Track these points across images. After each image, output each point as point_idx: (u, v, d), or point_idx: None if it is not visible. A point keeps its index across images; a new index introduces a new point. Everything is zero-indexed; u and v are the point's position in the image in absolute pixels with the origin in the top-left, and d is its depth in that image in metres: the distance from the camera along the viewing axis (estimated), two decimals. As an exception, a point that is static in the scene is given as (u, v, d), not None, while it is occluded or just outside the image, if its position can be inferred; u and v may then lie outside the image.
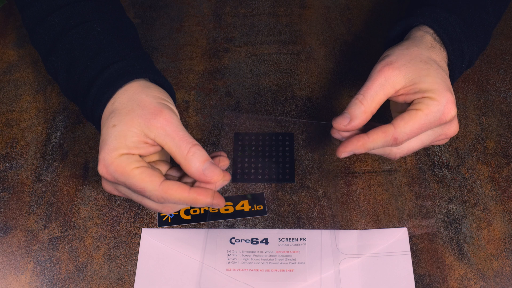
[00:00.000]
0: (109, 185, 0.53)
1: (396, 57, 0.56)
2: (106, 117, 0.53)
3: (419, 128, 0.53)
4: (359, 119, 0.53)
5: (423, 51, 0.56)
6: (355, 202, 0.62)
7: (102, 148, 0.51)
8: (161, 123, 0.50)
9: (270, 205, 0.62)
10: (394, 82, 0.54)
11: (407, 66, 0.55)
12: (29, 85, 0.71)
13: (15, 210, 0.62)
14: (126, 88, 0.54)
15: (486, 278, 0.57)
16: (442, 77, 0.54)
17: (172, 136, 0.50)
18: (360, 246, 0.58)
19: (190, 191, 0.50)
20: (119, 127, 0.51)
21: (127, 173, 0.49)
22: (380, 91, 0.54)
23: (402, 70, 0.54)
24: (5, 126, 0.68)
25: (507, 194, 0.62)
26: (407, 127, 0.52)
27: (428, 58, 0.56)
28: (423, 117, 0.52)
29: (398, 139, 0.53)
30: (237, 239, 0.59)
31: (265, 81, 0.72)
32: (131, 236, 0.60)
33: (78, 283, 0.57)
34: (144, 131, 0.50)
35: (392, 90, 0.54)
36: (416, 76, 0.54)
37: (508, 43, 0.74)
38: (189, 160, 0.50)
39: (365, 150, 0.54)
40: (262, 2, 0.80)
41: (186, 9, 0.79)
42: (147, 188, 0.49)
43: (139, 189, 0.50)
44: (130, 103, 0.52)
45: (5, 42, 0.76)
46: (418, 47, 0.57)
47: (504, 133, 0.66)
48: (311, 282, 0.57)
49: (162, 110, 0.51)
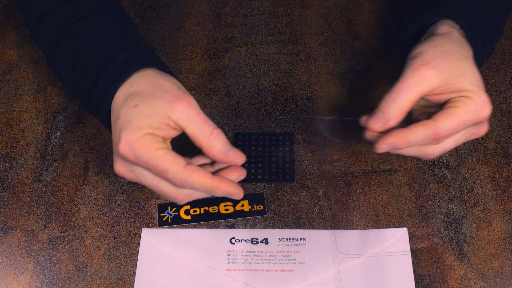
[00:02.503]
0: (124, 167, 0.52)
1: (432, 55, 0.54)
2: (123, 100, 0.52)
3: (459, 125, 0.51)
4: (394, 119, 0.52)
5: (456, 49, 0.55)
6: (355, 202, 0.62)
7: (125, 127, 0.50)
8: (184, 105, 0.50)
9: (270, 205, 0.62)
10: (430, 81, 0.52)
11: (444, 65, 0.53)
12: (29, 85, 0.71)
13: (15, 210, 0.62)
14: (142, 73, 0.54)
15: (486, 278, 0.57)
16: (477, 76, 0.54)
17: (195, 119, 0.50)
18: (360, 246, 0.58)
19: (213, 178, 0.50)
20: (142, 108, 0.50)
21: (151, 152, 0.49)
22: (416, 89, 0.52)
23: (439, 70, 0.53)
24: (5, 126, 0.68)
25: (507, 194, 0.62)
26: (448, 123, 0.51)
27: (462, 55, 0.54)
28: (463, 114, 0.51)
29: (438, 135, 0.51)
30: (237, 239, 0.59)
31: (265, 81, 0.72)
32: (131, 236, 0.60)
33: (78, 283, 0.57)
34: (168, 113, 0.50)
35: (427, 89, 0.53)
36: (452, 76, 0.53)
37: (508, 43, 0.74)
38: (211, 142, 0.50)
39: (405, 144, 0.51)
40: (262, 2, 0.80)
41: (186, 9, 0.79)
42: (171, 169, 0.49)
43: (162, 169, 0.49)
44: (151, 87, 0.52)
45: (5, 42, 0.76)
46: (451, 44, 0.55)
47: (504, 133, 0.66)
48: (311, 282, 0.57)
49: (183, 94, 0.51)
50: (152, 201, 0.62)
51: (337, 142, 0.59)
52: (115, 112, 0.52)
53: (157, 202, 0.62)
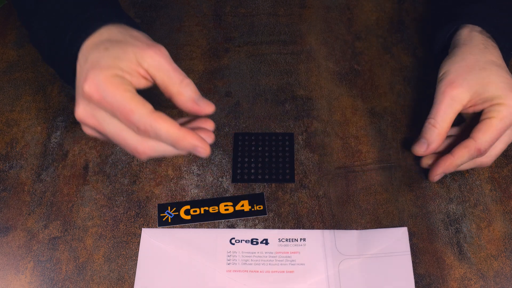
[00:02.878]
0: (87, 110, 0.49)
1: (455, 74, 0.57)
2: (92, 46, 0.50)
3: (497, 134, 0.56)
4: (435, 143, 0.57)
5: (479, 57, 0.58)
6: (355, 202, 0.62)
7: (93, 67, 0.48)
8: (155, 53, 0.49)
9: (270, 205, 0.62)
10: (460, 99, 0.57)
11: (468, 80, 0.57)
12: (29, 85, 0.71)
13: (15, 210, 0.62)
14: (112, 25, 0.52)
15: (486, 278, 0.57)
16: (504, 79, 0.56)
17: (166, 67, 0.49)
18: (360, 246, 0.58)
19: (181, 128, 0.47)
20: (113, 50, 0.49)
21: (119, 92, 0.46)
22: (449, 111, 0.57)
23: (465, 86, 0.56)
24: (5, 126, 0.68)
25: (507, 194, 0.62)
26: (486, 137, 0.55)
27: (486, 63, 0.57)
28: (497, 123, 0.55)
29: (481, 150, 0.56)
30: (237, 240, 0.59)
31: (265, 81, 0.72)
32: (131, 236, 0.60)
33: (78, 283, 0.57)
34: (138, 59, 0.49)
35: (460, 107, 0.57)
36: (479, 87, 0.56)
37: (508, 43, 0.74)
38: (182, 90, 0.49)
39: (454, 169, 0.57)
40: (262, 2, 0.80)
41: (186, 9, 0.79)
42: (138, 111, 0.46)
43: (127, 110, 0.46)
44: (123, 35, 0.51)
45: (5, 42, 0.76)
46: (473, 54, 0.58)
47: (504, 133, 0.66)
48: (311, 283, 0.57)
49: (155, 43, 0.50)
50: (152, 201, 0.62)
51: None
52: (82, 57, 0.50)
53: (157, 202, 0.62)
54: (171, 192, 0.63)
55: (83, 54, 0.51)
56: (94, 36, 0.51)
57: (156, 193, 0.63)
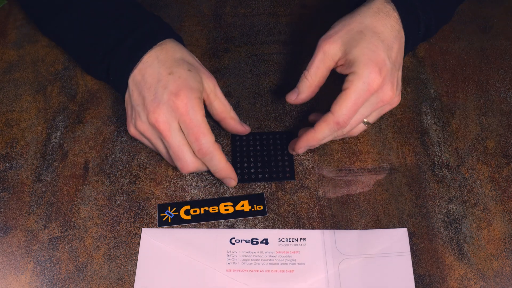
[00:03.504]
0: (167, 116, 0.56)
1: (336, 29, 0.59)
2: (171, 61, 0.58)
3: (353, 105, 0.56)
4: (305, 93, 0.61)
5: (364, 19, 0.59)
6: (355, 202, 0.62)
7: (185, 86, 0.56)
8: (213, 83, 0.60)
9: (270, 205, 0.62)
10: (332, 54, 0.58)
11: (343, 37, 0.58)
12: (29, 85, 0.71)
13: (15, 210, 0.62)
14: (172, 42, 0.61)
15: (486, 278, 0.57)
16: (372, 46, 0.57)
17: (221, 95, 0.61)
18: (360, 246, 0.58)
19: (227, 161, 0.59)
20: (194, 73, 0.58)
21: (201, 115, 0.56)
22: (321, 65, 0.59)
23: (338, 42, 0.58)
24: (5, 126, 0.68)
25: (507, 194, 0.62)
26: (342, 109, 0.56)
27: (366, 27, 0.58)
28: (351, 94, 0.56)
29: (340, 123, 0.57)
30: (237, 239, 0.59)
31: (265, 81, 0.72)
32: (131, 236, 0.60)
33: (78, 283, 0.57)
34: (206, 85, 0.60)
35: (332, 62, 0.59)
36: (348, 47, 0.57)
37: (508, 43, 0.75)
38: (233, 115, 0.63)
39: (317, 142, 0.60)
40: (262, 2, 0.80)
41: (186, 9, 0.79)
42: (208, 136, 0.57)
43: (201, 132, 0.56)
44: (192, 58, 0.61)
45: (5, 42, 0.76)
46: (361, 15, 0.59)
47: (504, 133, 0.66)
48: (311, 282, 0.57)
49: (211, 74, 0.61)
50: (152, 201, 0.62)
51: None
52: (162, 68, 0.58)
53: (157, 202, 0.62)
54: (171, 192, 0.63)
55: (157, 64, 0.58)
56: (158, 49, 0.59)
57: (156, 193, 0.63)
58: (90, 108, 0.69)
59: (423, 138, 0.66)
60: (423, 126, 0.67)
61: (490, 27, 0.76)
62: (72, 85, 0.71)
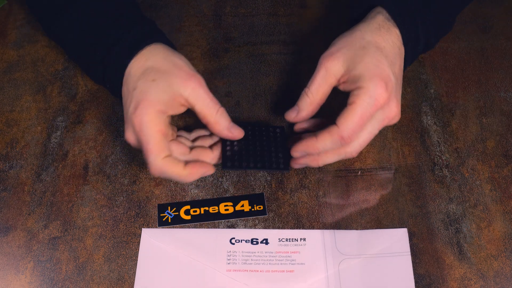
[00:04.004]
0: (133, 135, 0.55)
1: (338, 45, 0.58)
2: (140, 72, 0.56)
3: (360, 120, 0.54)
4: (306, 111, 0.58)
5: (365, 34, 0.57)
6: (355, 202, 0.62)
7: (142, 99, 0.54)
8: (195, 84, 0.56)
9: (270, 205, 0.62)
10: (334, 71, 0.56)
11: (345, 54, 0.56)
12: (29, 85, 0.71)
13: (15, 210, 0.62)
14: (154, 47, 0.58)
15: (486, 278, 0.57)
16: (376, 62, 0.55)
17: (204, 98, 0.56)
18: (360, 246, 0.58)
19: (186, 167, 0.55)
20: (159, 82, 0.55)
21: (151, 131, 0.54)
22: (323, 82, 0.57)
23: (341, 59, 0.56)
24: (5, 126, 0.68)
25: (507, 194, 0.62)
26: (349, 124, 0.54)
27: (368, 42, 0.57)
28: (358, 109, 0.54)
29: (344, 137, 0.54)
30: (237, 239, 0.59)
31: (265, 81, 0.72)
32: (131, 236, 0.60)
33: (78, 283, 0.57)
34: (180, 91, 0.55)
35: (334, 79, 0.57)
36: (351, 63, 0.56)
37: (508, 43, 0.74)
38: (218, 119, 0.56)
39: (315, 150, 0.57)
40: (262, 2, 0.80)
41: (186, 9, 0.79)
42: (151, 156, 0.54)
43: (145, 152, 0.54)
44: (167, 63, 0.57)
45: (5, 42, 0.76)
46: (362, 31, 0.58)
47: (504, 133, 0.66)
48: (311, 282, 0.57)
49: (195, 74, 0.57)
50: (152, 201, 0.62)
51: None
52: (131, 83, 0.56)
53: (157, 202, 0.62)
54: (171, 192, 0.63)
55: (131, 79, 0.56)
56: (139, 59, 0.57)
57: (156, 193, 0.63)
58: (90, 108, 0.69)
59: (423, 138, 0.66)
60: (423, 126, 0.67)
61: (490, 27, 0.76)
62: (72, 85, 0.71)
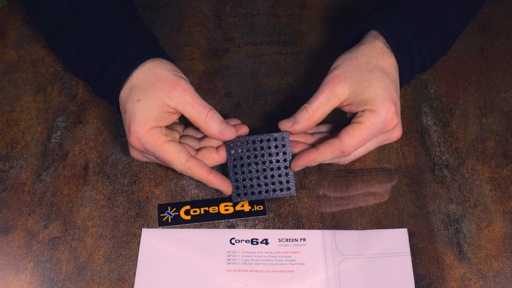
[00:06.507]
0: (138, 153, 0.59)
1: (343, 69, 0.58)
2: (127, 94, 0.58)
3: (363, 140, 0.57)
4: (302, 125, 0.58)
5: (370, 59, 0.58)
6: (355, 202, 0.62)
7: (132, 122, 0.56)
8: (180, 93, 0.57)
9: (270, 206, 0.62)
10: (339, 94, 0.58)
11: (352, 78, 0.57)
12: (29, 85, 0.71)
13: (15, 210, 0.62)
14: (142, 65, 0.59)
15: (486, 278, 0.57)
16: (385, 86, 0.57)
17: (191, 104, 0.57)
18: (360, 247, 0.58)
19: (209, 174, 0.58)
20: (144, 101, 0.56)
21: (158, 145, 0.56)
22: (326, 103, 0.58)
23: (347, 83, 0.57)
24: (5, 126, 0.68)
25: (507, 194, 0.62)
26: (352, 141, 0.56)
27: (374, 67, 0.58)
28: (365, 130, 0.56)
29: (345, 152, 0.57)
30: (237, 240, 0.59)
31: (265, 81, 0.72)
32: (131, 236, 0.60)
33: (78, 283, 0.57)
34: (166, 102, 0.57)
35: (337, 101, 0.58)
36: (359, 88, 0.57)
37: (508, 43, 0.75)
38: (208, 123, 0.57)
39: (316, 163, 0.59)
40: (262, 2, 0.80)
41: (186, 9, 0.79)
42: (175, 162, 0.57)
43: (167, 161, 0.57)
44: (149, 78, 0.58)
45: (5, 42, 0.76)
46: (366, 55, 0.59)
47: (504, 133, 0.66)
48: (311, 282, 0.57)
49: (179, 81, 0.57)
50: (152, 201, 0.62)
51: None
52: (122, 105, 0.59)
53: (157, 202, 0.62)
54: (171, 192, 0.63)
55: (122, 102, 0.59)
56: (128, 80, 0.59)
57: (156, 193, 0.63)
58: (90, 108, 0.69)
59: (423, 138, 0.66)
60: (423, 126, 0.67)
61: (490, 27, 0.76)
62: (72, 85, 0.71)
